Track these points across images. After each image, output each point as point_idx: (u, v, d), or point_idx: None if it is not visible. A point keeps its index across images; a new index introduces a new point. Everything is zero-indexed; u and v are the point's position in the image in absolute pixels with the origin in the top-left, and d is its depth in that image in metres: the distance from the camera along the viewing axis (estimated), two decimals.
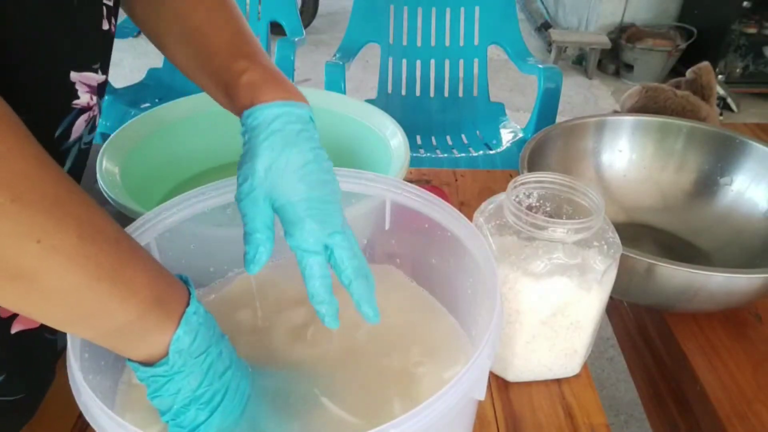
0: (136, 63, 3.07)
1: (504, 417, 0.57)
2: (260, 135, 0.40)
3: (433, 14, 1.73)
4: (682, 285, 0.62)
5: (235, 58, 0.45)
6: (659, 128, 0.89)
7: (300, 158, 0.40)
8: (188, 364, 0.37)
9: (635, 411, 1.39)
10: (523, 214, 0.52)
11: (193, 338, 0.37)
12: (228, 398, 0.39)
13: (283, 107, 0.41)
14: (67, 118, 0.43)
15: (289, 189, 0.40)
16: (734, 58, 2.85)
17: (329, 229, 0.40)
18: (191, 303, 0.37)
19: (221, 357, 0.39)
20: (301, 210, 0.39)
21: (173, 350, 0.36)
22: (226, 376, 0.39)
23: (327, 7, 3.93)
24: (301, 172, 0.40)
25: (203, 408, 0.38)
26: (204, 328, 0.38)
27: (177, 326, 0.36)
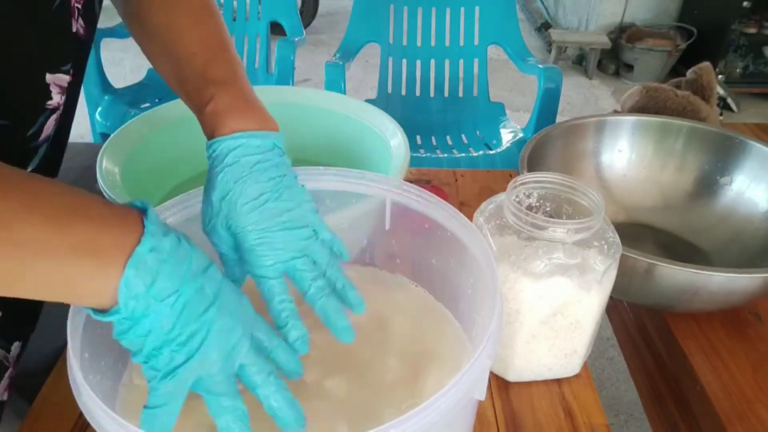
0: (136, 63, 3.07)
1: (504, 417, 0.57)
2: (216, 167, 0.42)
3: (433, 14, 1.73)
4: (682, 285, 0.62)
5: (204, 85, 0.46)
6: (659, 128, 0.89)
7: (255, 190, 0.42)
8: (153, 307, 0.34)
9: (635, 411, 1.39)
10: (523, 214, 0.52)
11: (151, 280, 0.33)
12: (211, 340, 0.36)
13: (240, 139, 0.43)
14: (41, 118, 0.43)
15: (242, 219, 0.42)
16: (734, 58, 2.85)
17: (284, 256, 0.42)
18: (143, 240, 0.33)
19: (201, 293, 0.36)
20: (252, 239, 0.42)
21: (123, 297, 0.33)
22: (208, 315, 0.36)
23: (327, 7, 3.93)
24: (254, 203, 0.42)
25: (179, 350, 0.35)
26: (169, 265, 0.34)
27: (122, 270, 0.33)
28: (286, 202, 0.43)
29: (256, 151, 0.43)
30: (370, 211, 0.55)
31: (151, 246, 0.34)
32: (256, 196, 0.42)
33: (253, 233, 0.42)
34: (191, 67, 0.47)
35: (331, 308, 0.44)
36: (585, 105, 2.93)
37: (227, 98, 0.45)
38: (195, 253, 0.37)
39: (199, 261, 0.37)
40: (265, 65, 1.87)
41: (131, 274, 0.33)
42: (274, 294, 0.42)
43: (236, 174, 0.42)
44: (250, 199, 0.42)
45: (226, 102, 0.44)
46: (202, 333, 0.35)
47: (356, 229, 0.59)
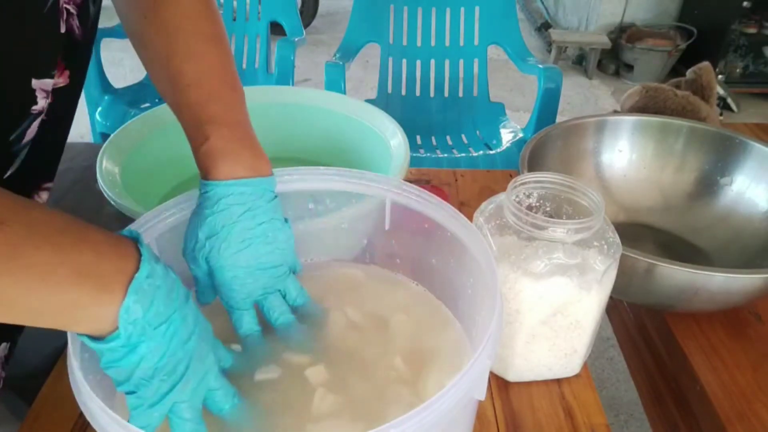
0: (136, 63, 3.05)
1: (504, 417, 0.57)
2: (206, 209, 0.44)
3: (433, 14, 1.73)
4: (682, 285, 0.62)
5: (200, 122, 0.46)
6: (659, 128, 0.89)
7: (238, 236, 0.44)
8: (147, 334, 0.34)
9: (635, 411, 1.39)
10: (523, 214, 0.52)
11: (148, 306, 0.34)
12: (192, 368, 0.37)
13: (232, 187, 0.44)
14: (24, 123, 0.43)
15: (222, 258, 0.44)
16: (734, 58, 2.84)
17: (255, 293, 0.47)
18: (141, 267, 0.34)
19: (185, 322, 0.37)
20: (228, 276, 0.45)
21: (124, 322, 0.33)
22: (190, 344, 0.37)
23: (327, 7, 3.92)
24: (236, 247, 0.44)
25: (166, 379, 0.36)
26: (162, 291, 0.35)
27: (123, 296, 0.33)
28: (268, 245, 0.46)
29: (247, 200, 0.45)
30: (370, 211, 0.55)
31: (147, 272, 0.35)
32: (240, 242, 0.44)
33: (231, 271, 0.45)
34: (187, 101, 0.47)
35: (292, 338, 0.49)
36: (585, 105, 2.93)
37: (221, 141, 0.45)
38: (178, 282, 0.38)
39: (182, 289, 0.38)
40: (265, 65, 1.87)
41: (132, 299, 0.34)
42: (243, 324, 0.47)
43: (224, 220, 0.44)
44: (233, 244, 0.44)
45: (220, 145, 0.45)
46: (185, 362, 0.37)
47: (356, 229, 0.59)
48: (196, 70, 0.47)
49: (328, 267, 0.60)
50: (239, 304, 0.47)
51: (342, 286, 0.58)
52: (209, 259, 0.44)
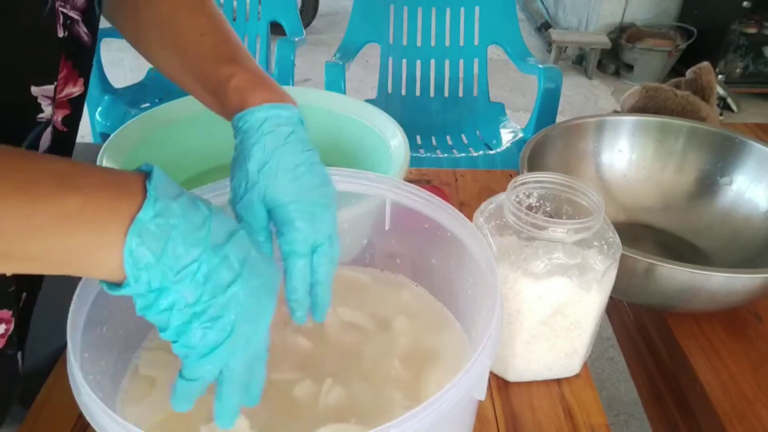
0: (136, 63, 3.07)
1: (504, 417, 0.57)
2: (251, 138, 0.41)
3: (433, 14, 1.73)
4: (682, 285, 0.62)
5: (221, 63, 0.45)
6: (659, 128, 0.89)
7: (291, 160, 0.41)
8: (169, 278, 0.32)
9: (635, 411, 1.39)
10: (523, 214, 0.52)
11: (161, 248, 0.31)
12: (243, 318, 0.34)
13: (273, 110, 0.42)
14: (33, 132, 0.42)
15: (281, 190, 0.40)
16: (734, 58, 2.84)
17: (317, 234, 0.41)
18: (145, 206, 0.31)
19: (226, 263, 0.33)
20: (292, 211, 0.40)
21: (131, 269, 0.31)
22: (234, 288, 0.33)
23: (327, 7, 3.92)
24: (292, 174, 0.40)
25: (210, 326, 0.33)
26: (181, 231, 0.32)
27: (123, 239, 0.31)
28: (317, 177, 0.42)
29: (288, 122, 0.42)
30: (370, 211, 0.55)
31: (155, 212, 0.31)
32: (293, 168, 0.40)
33: (293, 204, 0.40)
34: (200, 50, 0.47)
35: (324, 298, 0.43)
36: (585, 105, 2.93)
37: (249, 74, 0.44)
38: (216, 218, 0.34)
39: (222, 226, 0.34)
40: (265, 65, 1.87)
41: (134, 242, 0.31)
42: (299, 276, 0.41)
43: (273, 143, 0.40)
44: (288, 170, 0.40)
45: (249, 77, 0.44)
46: (236, 309, 0.33)
47: (356, 229, 0.59)
48: (203, 21, 0.47)
49: None
50: (300, 247, 0.40)
51: (342, 287, 0.58)
52: (266, 196, 0.40)
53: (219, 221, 0.34)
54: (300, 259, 0.40)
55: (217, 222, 0.34)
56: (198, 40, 0.47)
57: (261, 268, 0.36)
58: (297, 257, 0.40)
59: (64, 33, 0.42)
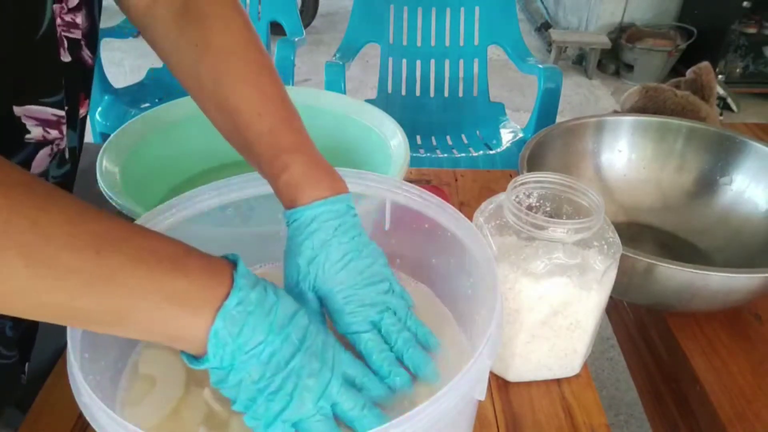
0: (136, 63, 3.07)
1: (504, 417, 0.57)
2: (301, 235, 0.44)
3: (433, 14, 1.73)
4: (682, 285, 0.62)
5: (277, 152, 0.45)
6: (659, 128, 0.89)
7: (338, 252, 0.44)
8: (239, 358, 0.36)
9: (635, 411, 1.39)
10: (523, 214, 0.52)
11: (237, 332, 0.35)
12: (303, 386, 0.37)
13: (321, 207, 0.44)
14: (21, 153, 0.43)
15: (329, 280, 0.43)
16: (734, 58, 2.84)
17: (371, 311, 0.44)
18: (232, 294, 0.35)
19: (288, 341, 0.37)
20: (341, 298, 0.44)
21: (212, 347, 0.35)
22: (296, 362, 0.37)
23: (327, 7, 3.92)
24: (339, 264, 0.44)
25: (272, 398, 0.36)
26: (255, 316, 0.36)
27: (212, 322, 0.35)
28: (365, 259, 0.45)
29: (335, 216, 0.44)
30: (370, 211, 0.55)
31: (238, 300, 0.35)
32: (341, 258, 0.44)
33: (341, 293, 0.43)
34: (257, 131, 0.46)
35: (419, 359, 0.44)
36: (585, 105, 2.93)
37: (302, 167, 0.45)
38: (281, 302, 0.38)
39: (286, 309, 0.38)
40: None
41: (219, 325, 0.35)
42: (373, 348, 0.43)
43: (321, 239, 0.43)
44: (335, 261, 0.43)
45: (301, 171, 0.45)
46: (293, 380, 0.37)
47: None
48: (259, 97, 0.47)
49: None
50: (359, 326, 0.44)
51: None
52: (316, 286, 0.44)
53: (284, 305, 0.38)
54: (363, 335, 0.44)
55: (282, 306, 0.38)
56: (254, 121, 0.46)
57: (318, 340, 0.39)
58: (359, 335, 0.44)
59: (69, 57, 0.43)
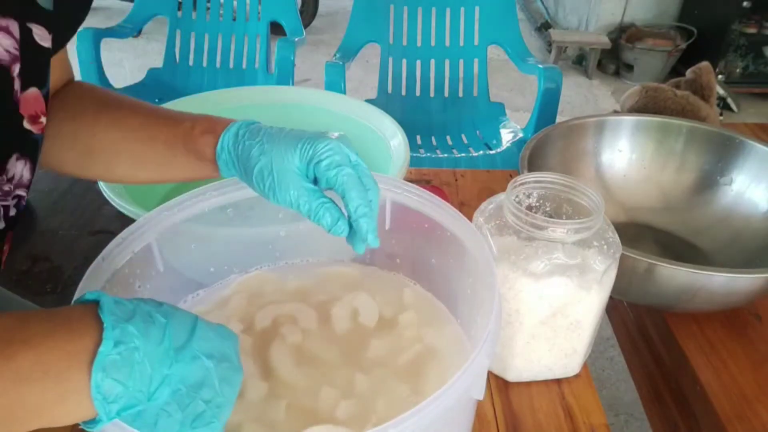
0: (136, 63, 3.07)
1: (504, 417, 0.57)
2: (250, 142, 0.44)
3: (433, 14, 1.73)
4: (682, 285, 0.62)
5: (177, 125, 0.47)
6: (659, 128, 0.89)
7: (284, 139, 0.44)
8: (142, 400, 0.32)
9: (635, 411, 1.39)
10: (523, 214, 0.52)
11: (127, 375, 0.31)
12: (225, 398, 0.35)
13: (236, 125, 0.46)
14: None
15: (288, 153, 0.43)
16: (734, 58, 2.84)
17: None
18: (104, 337, 0.31)
19: (196, 362, 0.34)
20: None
21: (100, 405, 0.30)
22: (208, 384, 0.34)
23: (327, 7, 3.92)
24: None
25: (200, 418, 0.34)
26: (142, 352, 0.31)
27: (88, 378, 0.30)
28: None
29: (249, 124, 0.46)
30: None
31: (114, 340, 0.31)
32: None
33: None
34: (152, 136, 0.48)
35: None
36: (585, 105, 2.93)
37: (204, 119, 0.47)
38: (173, 321, 0.34)
39: (181, 326, 0.34)
40: (265, 65, 1.87)
41: (99, 378, 0.30)
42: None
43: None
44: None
45: (206, 118, 0.47)
46: (212, 393, 0.34)
47: None
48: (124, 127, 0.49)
49: (329, 266, 0.60)
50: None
51: (342, 286, 0.58)
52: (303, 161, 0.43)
53: (176, 323, 0.34)
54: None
55: (175, 326, 0.34)
56: (148, 141, 0.48)
57: (223, 347, 0.36)
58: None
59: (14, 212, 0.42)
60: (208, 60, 1.86)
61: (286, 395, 0.47)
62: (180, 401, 0.33)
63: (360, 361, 0.50)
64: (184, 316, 0.35)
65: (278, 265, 0.60)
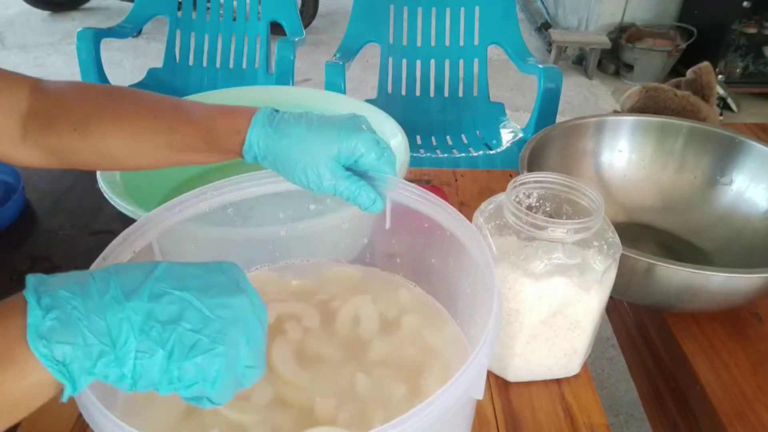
0: (136, 63, 3.07)
1: (504, 417, 0.57)
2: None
3: (433, 14, 1.73)
4: (682, 285, 0.62)
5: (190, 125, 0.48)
6: (659, 128, 0.89)
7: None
8: (109, 352, 0.31)
9: (635, 411, 1.39)
10: (523, 214, 0.52)
11: (74, 333, 0.30)
12: (226, 323, 0.33)
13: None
14: None
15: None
16: (734, 58, 2.84)
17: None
18: (29, 309, 0.30)
19: (166, 297, 0.33)
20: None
21: (56, 372, 0.30)
22: (191, 311, 0.33)
23: (327, 7, 3.92)
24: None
25: (196, 355, 0.32)
26: (84, 309, 0.31)
27: (29, 352, 0.30)
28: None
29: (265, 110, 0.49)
30: None
31: (43, 308, 0.30)
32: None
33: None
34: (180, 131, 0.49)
35: None
36: (585, 105, 2.93)
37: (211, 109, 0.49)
38: (123, 272, 0.33)
39: (133, 274, 0.33)
40: (265, 65, 1.87)
41: (42, 347, 0.30)
42: None
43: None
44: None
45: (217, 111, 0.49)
46: (209, 323, 0.33)
47: (357, 229, 0.59)
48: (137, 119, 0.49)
49: (329, 267, 0.60)
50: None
51: (343, 286, 0.58)
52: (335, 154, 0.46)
53: (128, 273, 0.33)
54: None
55: (125, 276, 0.33)
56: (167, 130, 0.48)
57: (208, 276, 0.35)
58: None
59: None
60: (208, 60, 1.86)
61: (288, 394, 0.47)
62: (157, 338, 0.32)
63: (361, 361, 0.50)
64: (141, 266, 0.34)
65: (278, 265, 0.60)
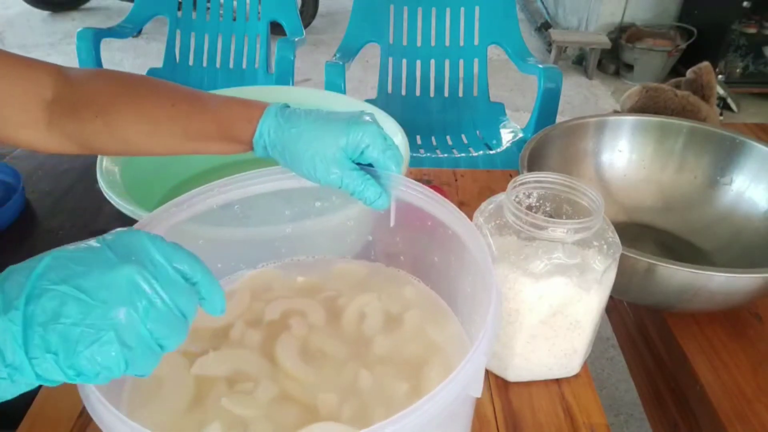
0: (136, 63, 3.07)
1: (504, 416, 0.57)
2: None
3: (433, 14, 1.73)
4: (682, 285, 0.62)
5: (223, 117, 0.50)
6: (659, 128, 0.89)
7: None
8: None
9: (635, 411, 1.39)
10: (523, 214, 0.52)
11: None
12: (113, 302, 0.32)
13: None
14: None
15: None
16: (734, 58, 2.84)
17: None
18: None
19: (48, 293, 0.32)
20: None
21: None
22: (71, 303, 0.32)
23: (327, 7, 3.92)
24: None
25: (90, 345, 0.31)
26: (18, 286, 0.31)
27: None
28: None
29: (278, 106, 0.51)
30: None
31: None
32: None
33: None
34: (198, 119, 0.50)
35: None
36: (585, 105, 2.93)
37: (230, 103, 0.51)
38: (9, 278, 0.32)
39: (19, 276, 0.32)
40: (265, 65, 1.87)
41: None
42: None
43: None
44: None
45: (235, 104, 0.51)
46: (89, 311, 0.32)
47: (361, 226, 0.60)
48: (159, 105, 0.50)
49: (334, 264, 0.60)
50: None
51: (348, 282, 0.58)
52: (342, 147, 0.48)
53: (12, 278, 0.32)
54: None
55: (11, 280, 0.32)
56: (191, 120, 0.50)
57: (84, 258, 0.34)
58: None
59: None
60: (208, 60, 1.86)
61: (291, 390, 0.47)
62: (40, 343, 0.31)
63: (364, 357, 0.50)
64: (28, 264, 0.33)
65: (284, 261, 0.60)
